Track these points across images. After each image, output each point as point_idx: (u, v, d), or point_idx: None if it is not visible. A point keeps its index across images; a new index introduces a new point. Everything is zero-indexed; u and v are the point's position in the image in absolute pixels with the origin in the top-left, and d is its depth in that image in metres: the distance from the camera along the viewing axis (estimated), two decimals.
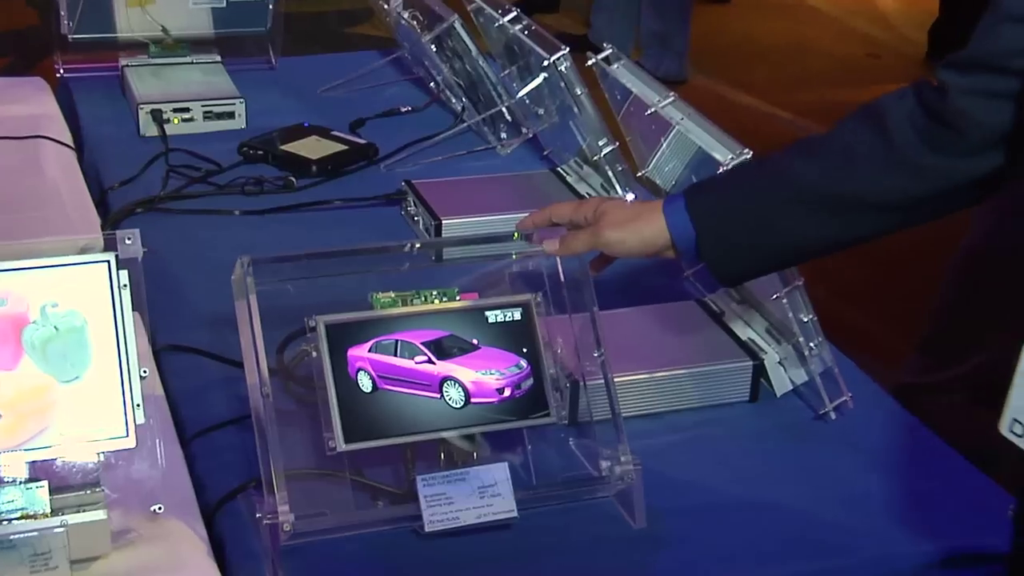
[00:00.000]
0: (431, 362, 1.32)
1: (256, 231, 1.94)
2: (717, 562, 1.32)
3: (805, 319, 1.54)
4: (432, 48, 2.37)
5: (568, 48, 1.96)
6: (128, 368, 1.23)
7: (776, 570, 1.33)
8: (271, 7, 2.48)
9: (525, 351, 1.36)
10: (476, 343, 1.35)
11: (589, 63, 1.89)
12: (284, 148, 2.17)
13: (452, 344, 1.34)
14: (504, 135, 2.27)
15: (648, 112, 1.73)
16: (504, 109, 2.25)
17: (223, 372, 1.53)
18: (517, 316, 1.38)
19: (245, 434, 1.32)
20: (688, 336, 1.63)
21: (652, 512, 1.36)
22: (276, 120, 2.29)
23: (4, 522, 1.18)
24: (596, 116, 1.95)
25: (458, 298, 1.38)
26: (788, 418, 1.57)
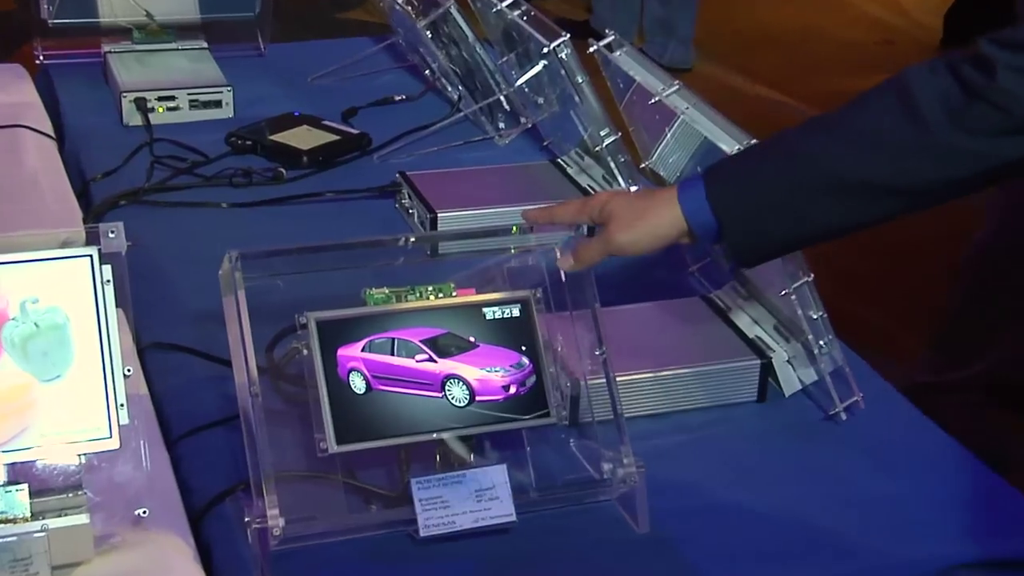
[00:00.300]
0: (432, 360, 1.33)
1: (244, 224, 1.94)
2: (723, 567, 1.33)
3: (815, 316, 1.54)
4: (427, 34, 2.37)
5: (569, 34, 1.96)
6: (111, 367, 1.23)
7: (783, 575, 1.33)
8: None
9: (524, 349, 1.37)
10: (473, 341, 1.35)
11: (591, 50, 1.89)
12: (273, 138, 2.17)
13: (449, 342, 1.34)
14: (502, 125, 2.27)
15: (652, 101, 1.73)
16: (502, 98, 2.25)
17: (210, 371, 1.54)
18: (516, 313, 1.38)
19: (233, 435, 1.33)
20: (693, 334, 1.63)
21: (655, 516, 1.36)
22: (265, 109, 2.29)
23: None
24: (598, 105, 1.95)
25: (454, 294, 1.38)
26: (797, 419, 1.57)
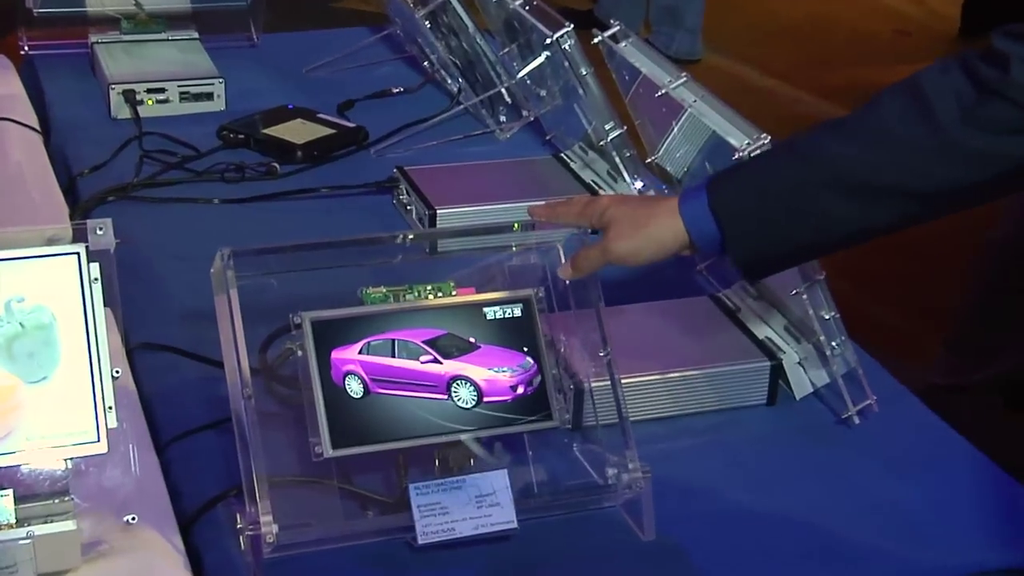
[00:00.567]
0: (437, 362, 1.33)
1: (237, 221, 1.94)
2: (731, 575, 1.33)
3: (826, 316, 1.54)
4: (426, 24, 2.37)
5: (572, 25, 1.96)
6: (99, 368, 1.24)
7: None
8: None
9: (526, 350, 1.37)
10: (474, 342, 1.35)
11: (595, 41, 1.89)
12: (267, 132, 2.17)
13: (450, 343, 1.35)
14: (503, 118, 2.27)
15: (658, 94, 1.73)
16: (503, 90, 2.25)
17: (202, 372, 1.54)
18: (517, 313, 1.38)
19: (225, 439, 1.33)
20: (701, 334, 1.63)
21: (662, 523, 1.36)
22: (258, 102, 2.29)
23: None
24: (602, 98, 1.95)
25: (454, 293, 1.38)
26: (808, 422, 1.57)
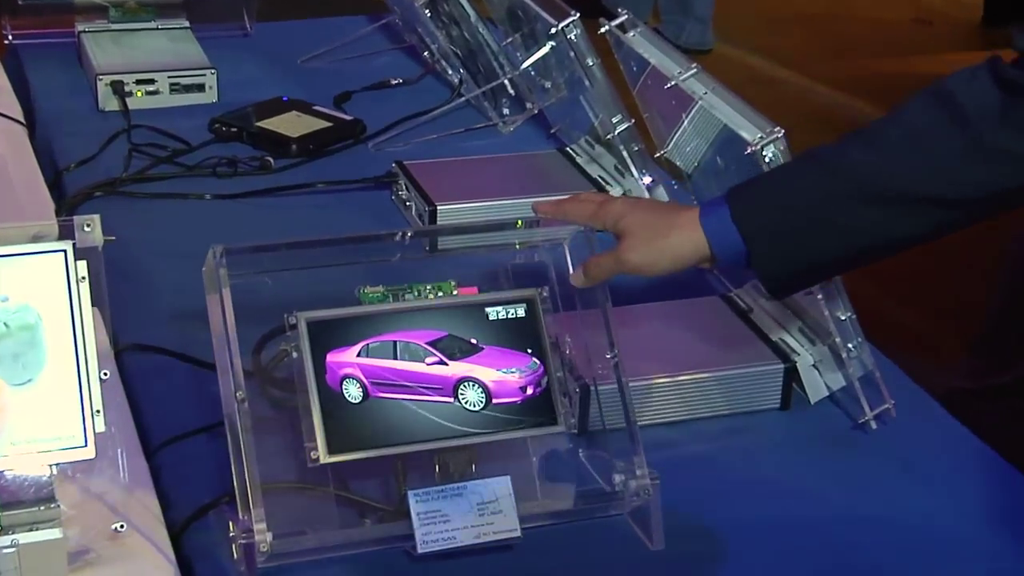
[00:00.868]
0: (443, 363, 1.33)
1: (229, 217, 1.95)
2: None
3: (843, 317, 1.54)
4: (426, 13, 2.37)
5: (578, 13, 1.97)
6: (87, 370, 1.24)
7: None
8: None
9: (530, 352, 1.37)
10: (475, 343, 1.35)
11: (602, 30, 1.89)
12: (260, 125, 2.18)
13: (452, 345, 1.35)
14: (507, 111, 2.27)
15: (668, 85, 1.73)
16: (507, 82, 2.25)
17: (193, 375, 1.54)
18: (521, 313, 1.38)
19: (217, 443, 1.33)
20: (712, 336, 1.63)
21: (671, 532, 1.36)
22: (251, 94, 2.29)
23: None
24: (609, 90, 1.96)
25: (455, 293, 1.39)
26: (823, 427, 1.57)
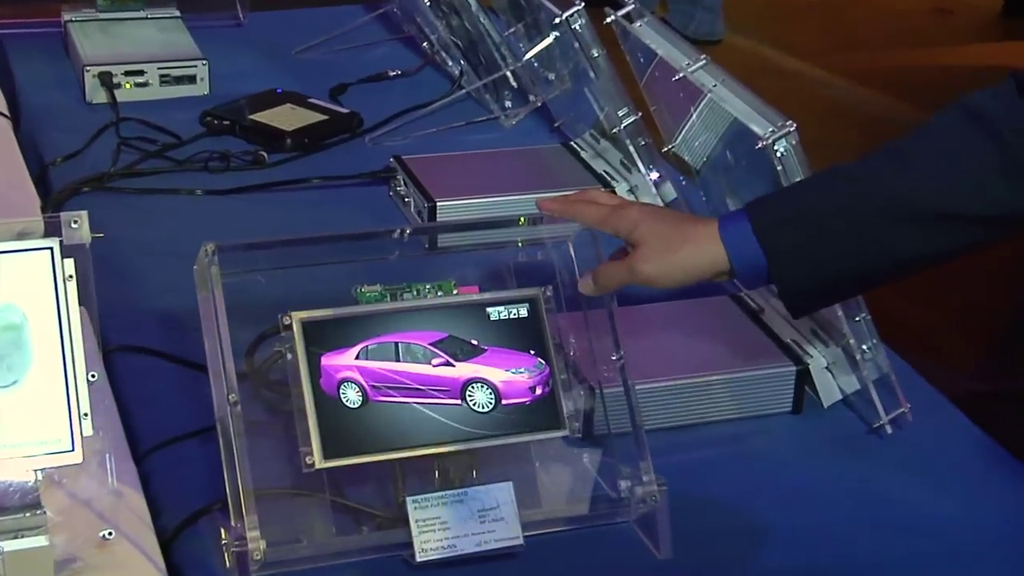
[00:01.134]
0: (449, 364, 1.34)
1: (222, 214, 1.95)
2: None
3: (856, 318, 1.54)
4: (425, 2, 2.38)
5: (583, 3, 1.97)
6: (74, 372, 1.24)
7: None
8: None
9: (532, 353, 1.37)
10: (477, 344, 1.36)
11: (608, 20, 1.89)
12: (254, 118, 2.18)
13: (454, 346, 1.35)
14: (509, 104, 2.27)
15: (676, 77, 1.73)
16: (509, 74, 2.26)
17: (184, 377, 1.54)
18: (523, 313, 1.39)
19: (209, 448, 1.33)
20: (721, 337, 1.64)
21: (678, 540, 1.37)
22: (244, 86, 2.30)
23: None
24: (615, 82, 1.96)
25: (456, 292, 1.39)
26: (837, 432, 1.57)
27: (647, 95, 1.92)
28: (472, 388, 1.34)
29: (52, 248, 1.25)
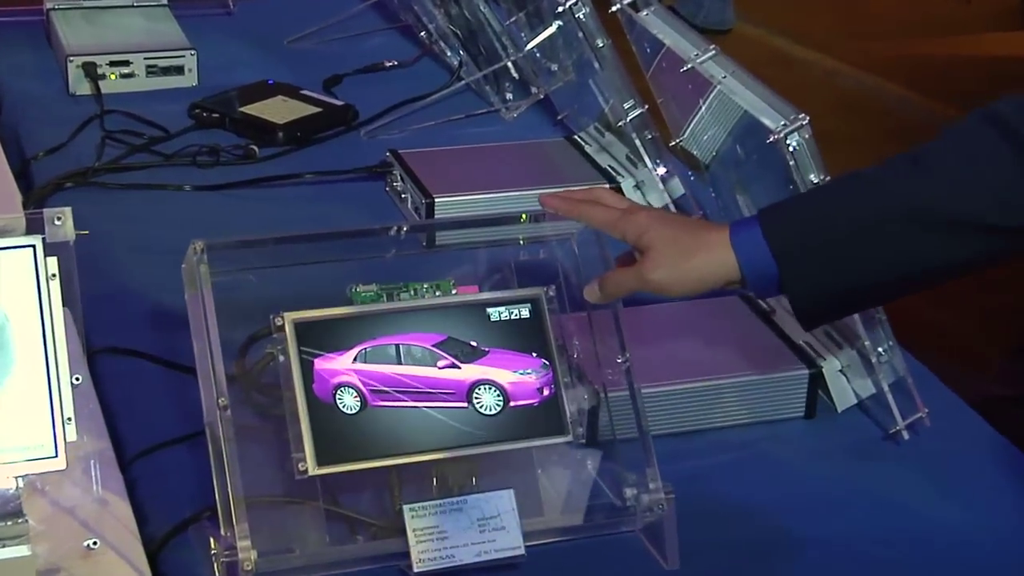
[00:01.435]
0: (455, 366, 1.34)
1: (211, 210, 1.95)
2: None
3: (872, 319, 1.54)
4: None
5: None
6: (57, 375, 1.24)
7: None
8: None
9: (535, 355, 1.37)
10: (476, 345, 1.36)
11: (613, 9, 1.90)
12: (244, 110, 2.18)
13: (454, 348, 1.35)
14: (510, 96, 2.28)
15: (684, 68, 1.73)
16: (510, 64, 2.26)
17: (171, 380, 1.55)
18: (525, 313, 1.39)
19: (198, 454, 1.34)
20: (731, 338, 1.64)
21: (687, 550, 1.37)
22: (234, 77, 2.30)
23: None
24: (620, 73, 1.96)
25: (454, 292, 1.39)
26: (851, 438, 1.58)
27: (654, 87, 1.92)
28: (479, 390, 1.34)
29: (34, 246, 1.25)
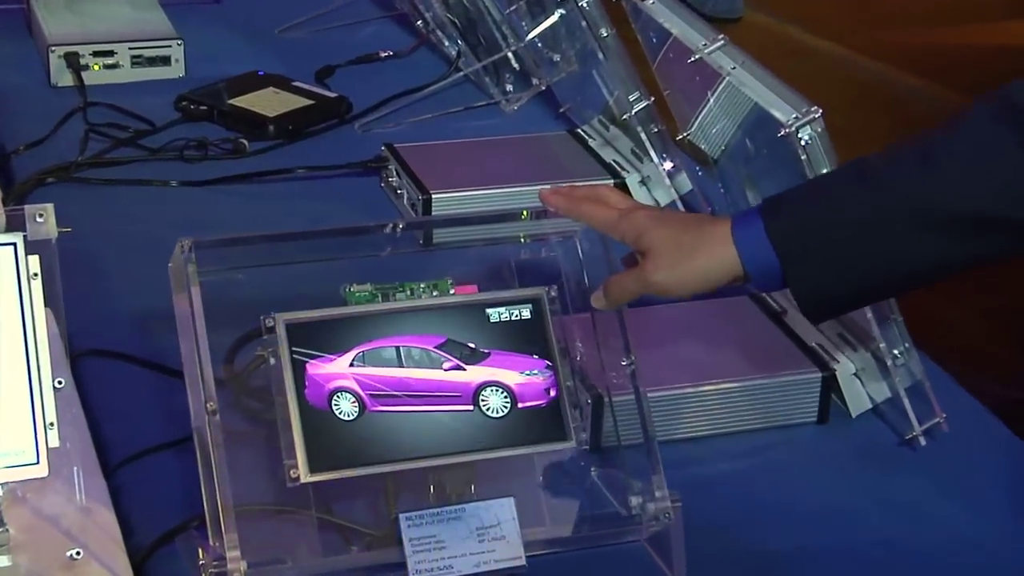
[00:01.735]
0: (460, 368, 1.34)
1: (199, 206, 1.95)
2: None
3: (887, 319, 1.54)
4: None
5: None
6: (39, 378, 1.24)
7: None
8: None
9: (536, 358, 1.37)
10: (475, 347, 1.36)
11: None
12: (233, 103, 2.18)
13: (453, 350, 1.35)
14: (510, 87, 2.28)
15: (691, 59, 1.73)
16: (510, 55, 2.26)
17: (158, 383, 1.55)
18: (526, 314, 1.39)
19: (185, 460, 1.34)
20: (740, 340, 1.64)
21: (694, 561, 1.37)
22: (223, 67, 2.30)
23: None
24: (625, 64, 1.96)
25: (452, 292, 1.39)
26: (866, 444, 1.58)
27: (660, 78, 1.92)
28: (486, 392, 1.34)
29: (15, 244, 1.25)
